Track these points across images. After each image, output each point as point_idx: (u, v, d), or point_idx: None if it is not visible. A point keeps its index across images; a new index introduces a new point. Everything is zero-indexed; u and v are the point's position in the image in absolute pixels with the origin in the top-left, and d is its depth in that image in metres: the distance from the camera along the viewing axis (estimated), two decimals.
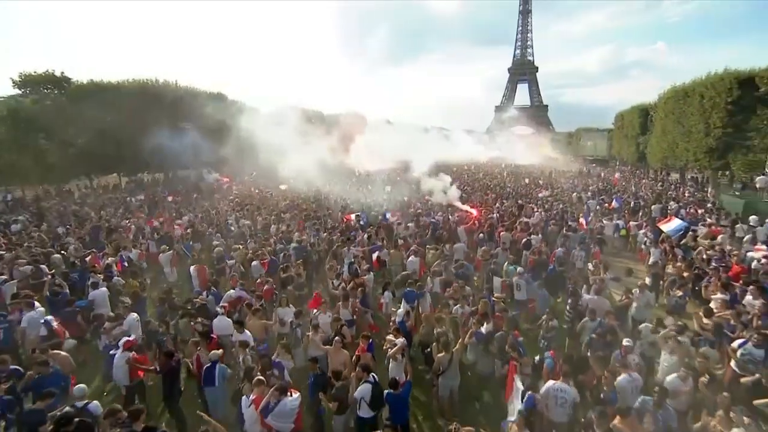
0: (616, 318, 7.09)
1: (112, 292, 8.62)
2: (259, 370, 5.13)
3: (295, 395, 4.77)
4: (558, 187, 26.32)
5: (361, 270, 9.63)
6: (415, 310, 7.38)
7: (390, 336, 6.26)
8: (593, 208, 18.15)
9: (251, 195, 24.12)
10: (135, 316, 7.01)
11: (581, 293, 7.98)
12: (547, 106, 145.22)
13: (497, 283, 8.93)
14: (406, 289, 8.03)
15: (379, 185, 25.87)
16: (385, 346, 6.26)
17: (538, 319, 7.53)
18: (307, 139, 31.67)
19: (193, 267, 9.46)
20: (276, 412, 4.55)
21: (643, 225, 14.18)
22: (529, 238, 11.78)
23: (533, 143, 66.96)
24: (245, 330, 6.33)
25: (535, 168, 42.82)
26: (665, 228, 12.56)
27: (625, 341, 5.85)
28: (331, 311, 7.30)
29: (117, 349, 5.93)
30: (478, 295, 8.09)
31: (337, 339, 5.91)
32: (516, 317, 7.63)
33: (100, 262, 10.51)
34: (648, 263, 11.15)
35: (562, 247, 11.08)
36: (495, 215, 15.61)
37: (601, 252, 11.91)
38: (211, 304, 7.70)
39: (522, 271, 9.22)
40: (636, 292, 7.87)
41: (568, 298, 8.08)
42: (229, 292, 7.92)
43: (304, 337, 6.46)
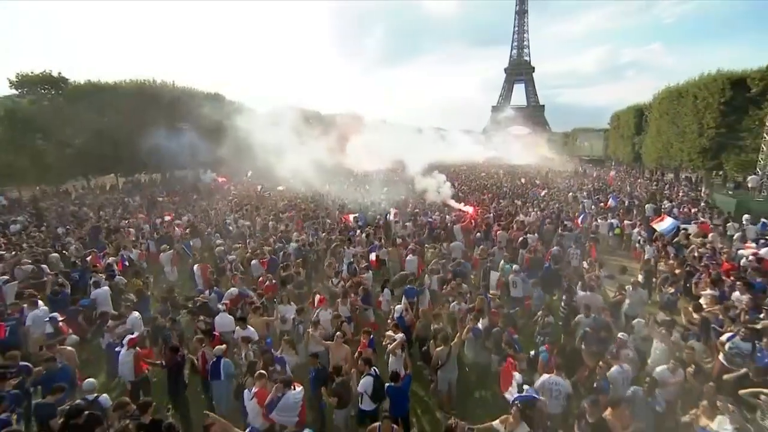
0: (611, 314, 7.30)
1: (114, 291, 8.73)
2: (261, 366, 5.26)
3: (299, 389, 4.91)
4: (554, 187, 26.57)
5: (359, 269, 9.79)
6: (415, 306, 7.52)
7: (389, 332, 6.42)
8: (588, 208, 18.38)
9: (249, 195, 24.18)
10: (137, 314, 7.12)
11: (576, 290, 8.17)
12: (543, 106, 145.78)
13: (494, 278, 9.10)
14: (407, 287, 8.20)
15: (377, 185, 26.00)
16: (384, 341, 6.41)
17: (534, 315, 7.70)
18: (305, 139, 31.80)
19: (197, 266, 9.60)
20: (281, 405, 4.68)
21: (637, 224, 14.40)
22: (525, 237, 11.96)
23: (530, 143, 67.29)
24: (248, 326, 6.45)
25: (531, 168, 43.09)
26: (658, 227, 12.79)
27: (620, 335, 6.06)
28: (331, 308, 7.45)
29: (121, 347, 6.06)
30: (475, 293, 8.26)
31: (338, 334, 6.06)
32: (514, 314, 7.79)
33: (101, 261, 10.62)
34: (642, 261, 11.35)
35: (558, 246, 11.26)
36: (491, 214, 15.83)
37: (596, 250, 12.11)
38: (213, 301, 7.83)
39: (518, 269, 9.38)
40: (629, 289, 8.05)
41: (563, 295, 8.26)
42: (230, 290, 8.08)
43: (305, 334, 6.61)
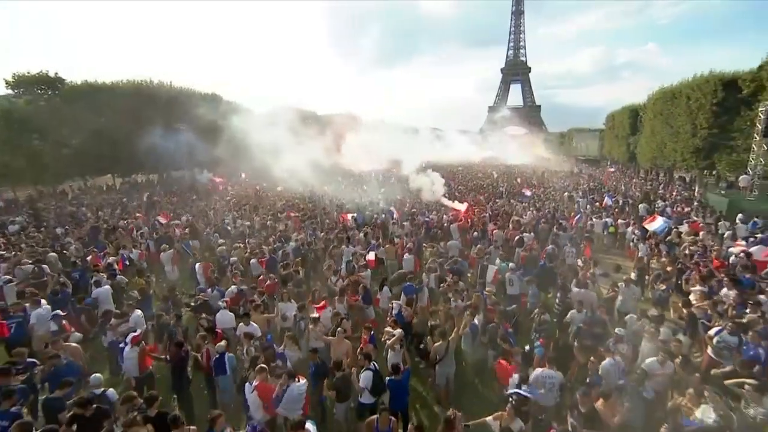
0: (606, 310, 7.52)
1: (116, 289, 8.84)
2: (263, 361, 5.40)
3: (302, 381, 5.08)
4: (550, 187, 26.82)
5: (358, 267, 9.93)
6: (414, 303, 7.67)
7: (388, 328, 6.58)
8: (583, 207, 18.63)
9: (248, 195, 24.26)
10: (140, 312, 7.23)
11: (570, 287, 8.36)
12: (539, 106, 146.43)
13: (490, 272, 9.29)
14: (405, 284, 8.38)
15: (374, 185, 26.15)
16: (383, 337, 6.56)
17: (530, 312, 7.88)
18: (302, 139, 31.91)
19: (198, 264, 9.73)
20: (286, 398, 4.84)
21: (630, 223, 14.64)
22: (521, 236, 12.16)
23: (526, 143, 67.70)
24: (251, 322, 6.60)
25: (527, 168, 43.37)
26: (650, 227, 13.04)
27: (617, 330, 6.30)
28: (331, 306, 7.59)
29: (125, 344, 6.17)
30: (471, 290, 8.44)
31: (340, 329, 6.22)
32: (511, 311, 7.94)
33: (101, 261, 10.70)
34: (636, 259, 11.57)
35: (553, 245, 11.45)
36: (488, 214, 16.04)
37: (591, 249, 12.31)
38: (215, 299, 7.97)
39: (514, 267, 9.57)
40: (622, 286, 8.27)
41: (558, 292, 8.45)
42: (231, 287, 8.22)
43: (306, 330, 6.75)
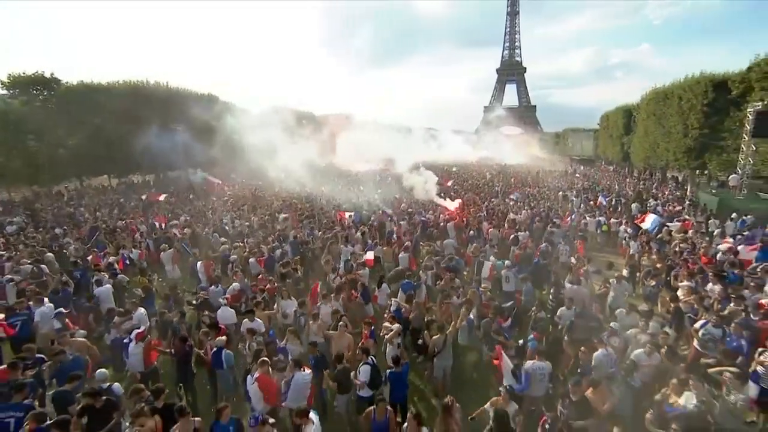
0: (600, 306, 7.80)
1: (117, 288, 8.98)
2: (265, 355, 5.58)
3: (307, 371, 5.28)
4: (544, 186, 27.14)
5: (356, 265, 10.12)
6: (413, 298, 7.86)
7: (386, 323, 6.77)
8: (577, 206, 18.93)
9: (245, 196, 24.36)
10: (143, 310, 7.37)
11: (563, 284, 8.59)
12: (535, 106, 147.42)
13: (486, 268, 9.51)
14: (404, 281, 8.58)
15: (371, 185, 26.35)
16: (381, 332, 6.75)
17: (527, 310, 8.09)
18: (298, 139, 32.08)
19: (200, 263, 9.88)
20: (292, 386, 5.06)
21: (623, 221, 14.93)
22: (516, 235, 12.41)
23: (521, 143, 68.20)
24: (256, 318, 6.78)
25: (522, 168, 43.74)
26: (642, 225, 13.35)
27: (612, 324, 6.57)
28: (330, 303, 7.77)
29: (129, 341, 6.32)
30: (467, 287, 8.66)
31: (341, 324, 6.43)
32: (508, 308, 8.15)
33: (102, 260, 10.82)
34: (627, 256, 11.85)
35: (546, 243, 11.69)
36: (484, 213, 16.29)
37: (584, 247, 12.57)
38: (218, 295, 8.17)
39: (510, 264, 9.79)
40: (613, 282, 8.51)
41: (551, 288, 8.68)
42: (233, 285, 8.40)
43: (306, 325, 6.94)
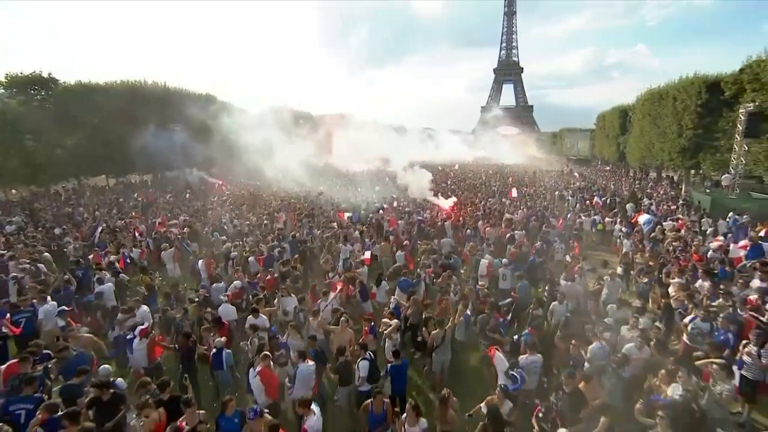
0: (594, 302, 8.02)
1: (118, 287, 9.10)
2: (268, 349, 5.73)
3: (311, 363, 5.44)
4: (541, 186, 27.38)
5: (355, 264, 10.27)
6: (413, 296, 8.02)
7: (385, 319, 6.95)
8: (573, 206, 19.17)
9: (243, 195, 24.46)
10: (146, 307, 7.50)
11: (558, 281, 8.78)
12: (532, 106, 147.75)
13: (483, 265, 9.69)
14: (401, 279, 8.74)
15: (368, 185, 26.52)
16: (381, 328, 6.92)
17: (525, 307, 8.26)
18: (296, 139, 32.21)
19: (201, 261, 10.01)
20: (298, 377, 5.23)
21: (617, 220, 15.16)
22: (512, 233, 12.60)
23: (518, 143, 68.53)
24: (260, 315, 6.93)
25: (519, 168, 44.00)
26: (640, 221, 13.63)
27: (607, 320, 6.79)
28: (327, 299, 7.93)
29: (133, 337, 6.45)
30: (464, 285, 8.82)
31: (343, 319, 6.61)
32: (505, 305, 8.33)
33: (103, 259, 10.93)
34: (621, 254, 12.05)
35: (542, 241, 11.89)
36: (480, 212, 16.49)
37: (579, 245, 12.77)
38: (220, 291, 8.33)
39: (507, 262, 9.98)
40: (607, 279, 8.74)
41: (546, 285, 8.87)
42: (234, 282, 8.55)
43: (306, 321, 7.10)
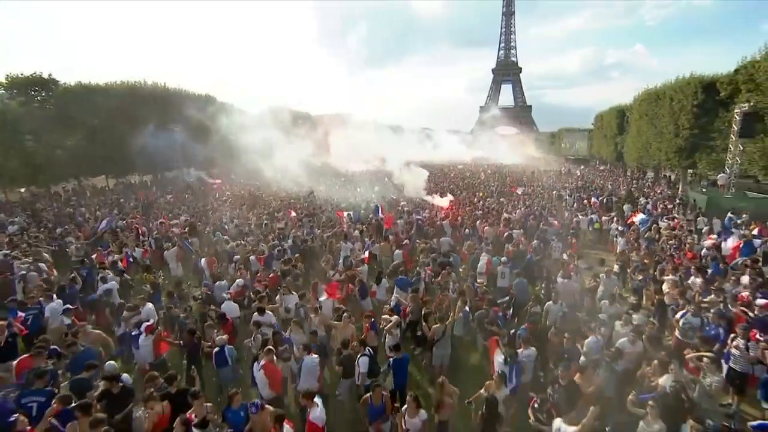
0: (590, 299, 8.22)
1: (123, 286, 9.26)
2: (272, 344, 5.90)
3: (315, 356, 5.63)
4: (539, 185, 27.60)
5: (355, 262, 10.45)
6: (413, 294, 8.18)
7: (385, 315, 7.13)
8: (570, 205, 19.37)
9: (243, 195, 24.61)
10: (151, 305, 7.65)
11: (555, 279, 8.97)
12: (530, 106, 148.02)
13: (482, 262, 9.88)
14: (398, 278, 8.92)
15: (367, 185, 26.70)
16: (381, 324, 7.09)
17: (524, 304, 8.44)
18: (295, 139, 32.35)
19: (204, 259, 10.18)
20: (303, 369, 5.42)
21: (614, 219, 15.36)
22: (510, 232, 12.78)
23: (517, 143, 68.77)
24: (267, 312, 7.11)
25: (518, 167, 44.23)
26: (634, 220, 13.84)
27: (601, 315, 7.00)
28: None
29: (139, 333, 6.60)
30: (462, 282, 9.01)
31: (345, 315, 6.81)
32: (503, 303, 8.50)
33: (106, 259, 11.07)
34: (618, 252, 12.26)
35: (539, 240, 12.07)
36: (480, 212, 16.68)
37: (577, 244, 12.96)
38: (222, 289, 8.51)
39: (505, 260, 10.15)
40: (603, 277, 8.93)
41: (543, 283, 9.06)
42: (237, 281, 8.72)
43: (307, 317, 7.31)
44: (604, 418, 5.37)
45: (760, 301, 6.55)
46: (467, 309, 7.29)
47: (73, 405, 4.35)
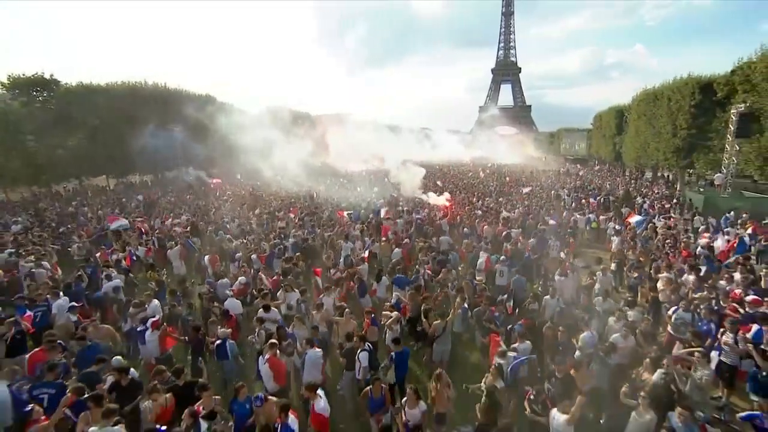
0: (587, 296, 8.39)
1: (128, 284, 9.42)
2: (276, 338, 6.07)
3: (318, 349, 5.80)
4: (538, 185, 27.78)
5: (356, 261, 10.61)
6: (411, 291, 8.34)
7: (386, 312, 7.30)
8: (569, 205, 19.55)
9: (244, 195, 24.77)
10: (157, 301, 7.83)
11: (553, 276, 9.14)
12: (530, 106, 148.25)
13: (482, 259, 10.03)
14: (396, 276, 9.11)
15: (367, 185, 26.86)
16: (382, 321, 7.27)
17: (522, 301, 8.60)
18: (295, 139, 32.49)
19: (207, 257, 10.34)
20: (306, 362, 5.59)
21: (611, 218, 15.55)
22: (509, 231, 12.96)
23: (516, 143, 68.92)
24: (272, 309, 7.28)
25: (517, 167, 44.42)
26: (630, 221, 14.01)
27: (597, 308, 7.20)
28: (331, 295, 8.26)
29: (145, 329, 6.76)
30: (461, 280, 9.18)
31: (347, 311, 6.99)
32: (501, 301, 8.66)
33: (110, 257, 11.23)
34: (614, 251, 12.43)
35: (534, 238, 12.25)
36: (479, 211, 16.87)
37: (574, 243, 13.14)
38: (222, 289, 8.67)
39: (504, 259, 10.31)
40: (599, 275, 9.11)
41: (541, 280, 9.24)
42: (239, 278, 8.89)
43: (308, 314, 7.49)
44: (599, 410, 5.58)
45: (749, 297, 6.74)
46: (466, 306, 7.46)
47: (85, 396, 4.51)
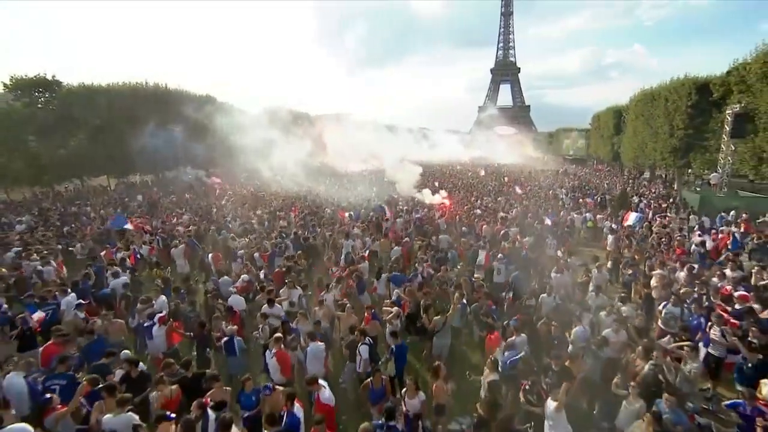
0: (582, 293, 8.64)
1: (133, 282, 9.62)
2: (281, 332, 6.29)
3: (320, 343, 6.02)
4: (536, 185, 28.02)
5: (356, 259, 10.83)
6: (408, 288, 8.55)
7: (386, 307, 7.52)
8: (566, 204, 19.79)
9: (245, 195, 24.95)
10: (164, 297, 8.04)
11: (549, 274, 9.35)
12: (529, 106, 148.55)
13: (482, 256, 10.24)
14: (393, 274, 9.36)
15: (367, 185, 27.05)
16: (383, 316, 7.48)
17: (517, 296, 8.83)
18: (295, 139, 32.68)
19: (211, 255, 10.55)
20: (309, 355, 5.80)
21: (608, 217, 15.79)
22: (507, 230, 13.18)
23: (515, 143, 69.13)
24: (276, 305, 7.50)
25: (516, 167, 44.65)
26: (627, 222, 14.25)
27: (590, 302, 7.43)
28: (333, 293, 8.47)
29: (152, 324, 6.96)
30: (460, 278, 9.40)
31: (348, 306, 7.22)
32: (499, 298, 8.88)
33: (114, 256, 11.43)
34: (609, 250, 12.66)
35: (531, 237, 12.48)
36: (478, 211, 17.10)
37: (571, 242, 13.39)
38: (225, 286, 8.88)
39: (501, 257, 10.53)
40: (594, 272, 9.35)
41: (537, 277, 9.45)
42: (242, 276, 9.10)
43: (310, 309, 7.71)
44: (592, 400, 5.81)
45: (737, 293, 6.96)
46: (464, 302, 7.68)
47: (100, 386, 4.72)
